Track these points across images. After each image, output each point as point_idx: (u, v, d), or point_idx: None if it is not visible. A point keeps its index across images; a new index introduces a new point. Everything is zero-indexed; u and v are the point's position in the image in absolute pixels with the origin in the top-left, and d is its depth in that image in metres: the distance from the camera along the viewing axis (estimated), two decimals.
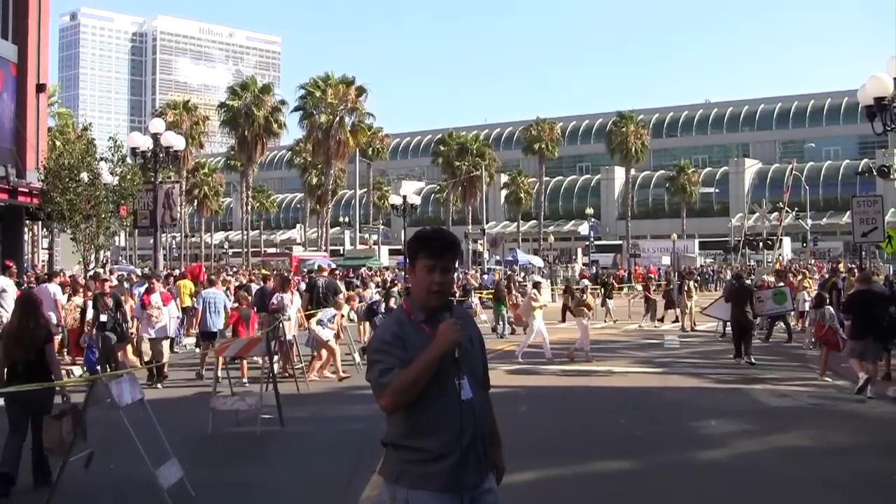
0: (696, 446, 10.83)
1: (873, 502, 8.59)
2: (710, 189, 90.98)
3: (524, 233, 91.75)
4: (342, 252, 65.36)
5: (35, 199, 27.62)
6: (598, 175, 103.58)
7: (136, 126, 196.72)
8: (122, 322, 15.90)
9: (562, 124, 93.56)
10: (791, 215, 66.98)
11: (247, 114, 62.62)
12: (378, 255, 60.40)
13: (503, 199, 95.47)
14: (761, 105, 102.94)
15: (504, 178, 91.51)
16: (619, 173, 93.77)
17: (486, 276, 44.74)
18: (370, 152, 78.94)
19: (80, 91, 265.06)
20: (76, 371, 17.05)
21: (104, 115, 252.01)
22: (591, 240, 74.34)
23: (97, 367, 15.35)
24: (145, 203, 29.77)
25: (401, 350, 3.80)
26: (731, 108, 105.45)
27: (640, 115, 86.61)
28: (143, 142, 26.10)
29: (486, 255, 64.50)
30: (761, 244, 59.63)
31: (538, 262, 63.73)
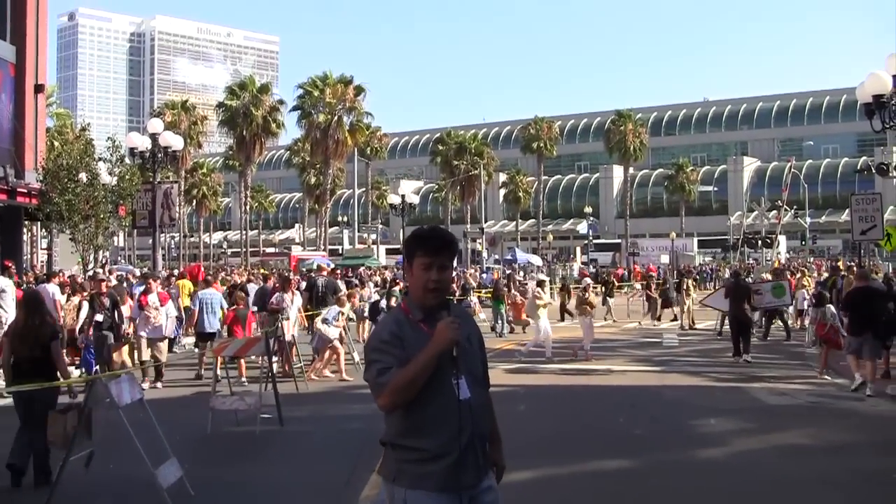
0: (696, 445, 10.83)
1: (872, 500, 8.60)
2: (709, 187, 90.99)
3: (523, 232, 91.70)
4: (341, 252, 65.30)
5: (34, 200, 27.62)
6: (597, 174, 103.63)
7: (135, 126, 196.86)
8: (119, 322, 15.88)
9: (560, 123, 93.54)
10: (790, 213, 66.94)
11: (245, 113, 62.60)
12: (377, 255, 60.38)
13: (502, 198, 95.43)
14: (760, 103, 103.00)
15: (503, 176, 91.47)
16: (618, 172, 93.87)
17: (484, 275, 44.74)
18: (368, 152, 78.92)
19: (79, 91, 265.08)
20: (74, 372, 17.03)
21: (102, 116, 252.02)
22: (590, 238, 74.31)
23: (95, 367, 15.32)
24: (144, 203, 29.81)
25: (399, 349, 3.80)
26: (729, 106, 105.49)
27: (639, 114, 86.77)
28: (142, 142, 26.13)
29: (485, 254, 64.52)
30: (760, 242, 59.58)
31: (537, 260, 63.74)
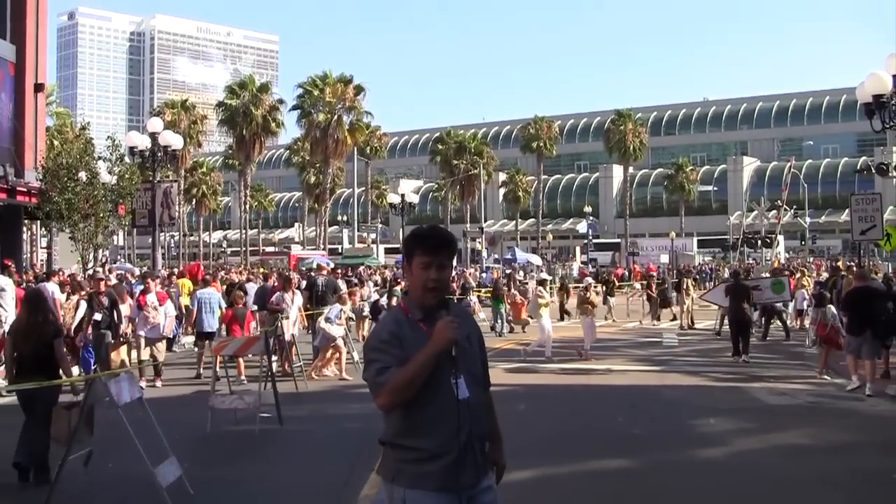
0: (695, 444, 10.83)
1: (871, 500, 8.59)
2: (709, 187, 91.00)
3: (522, 231, 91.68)
4: (340, 251, 65.29)
5: (33, 199, 27.63)
6: (597, 173, 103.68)
7: (135, 125, 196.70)
8: (118, 322, 15.86)
9: (560, 122, 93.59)
10: (789, 213, 66.95)
11: (245, 113, 62.58)
12: (376, 254, 60.37)
13: (501, 198, 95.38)
14: (759, 103, 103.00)
15: (502, 176, 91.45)
16: (618, 171, 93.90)
17: (484, 275, 44.72)
18: (368, 151, 78.91)
19: (79, 90, 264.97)
20: (73, 370, 17.01)
21: (102, 115, 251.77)
22: (590, 238, 74.29)
23: (93, 366, 15.32)
24: (143, 202, 29.85)
25: (398, 349, 3.79)
26: (729, 105, 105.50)
27: (639, 114, 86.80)
28: (142, 141, 26.14)
29: (485, 254, 64.49)
30: (760, 242, 59.58)
31: (536, 260, 63.70)
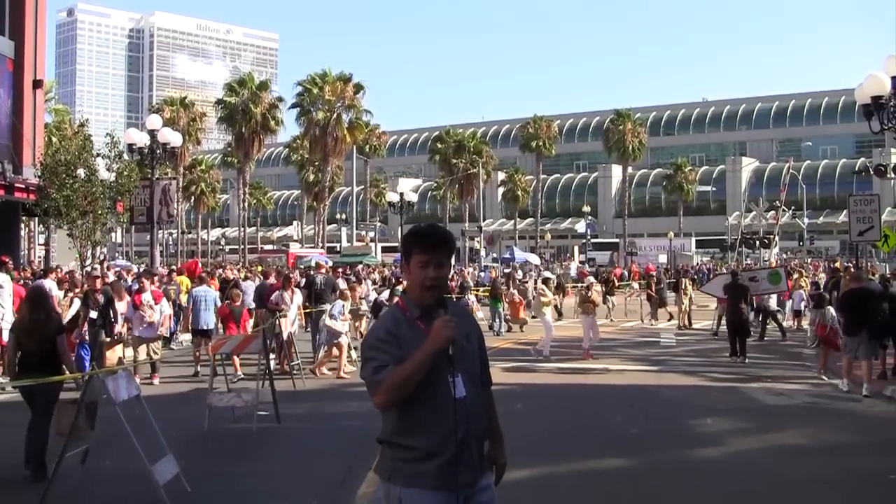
0: (693, 444, 10.84)
1: (868, 501, 8.60)
2: (707, 187, 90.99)
3: (521, 230, 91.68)
4: (339, 249, 65.27)
5: (31, 195, 27.59)
6: (596, 173, 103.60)
7: (133, 122, 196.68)
8: (113, 320, 15.83)
9: (559, 122, 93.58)
10: (788, 214, 66.97)
11: (244, 110, 62.60)
12: (376, 253, 60.36)
13: (500, 197, 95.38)
14: (758, 104, 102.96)
15: (501, 175, 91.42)
16: (617, 171, 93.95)
17: (482, 274, 44.68)
18: (367, 149, 78.89)
19: (77, 87, 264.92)
20: None
21: (101, 112, 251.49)
22: (588, 238, 74.29)
23: (88, 364, 15.29)
24: (142, 199, 29.84)
25: (395, 347, 3.79)
26: (728, 106, 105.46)
27: (638, 114, 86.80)
28: (140, 138, 26.14)
29: (483, 253, 64.47)
30: (758, 243, 59.60)
31: (535, 259, 63.68)
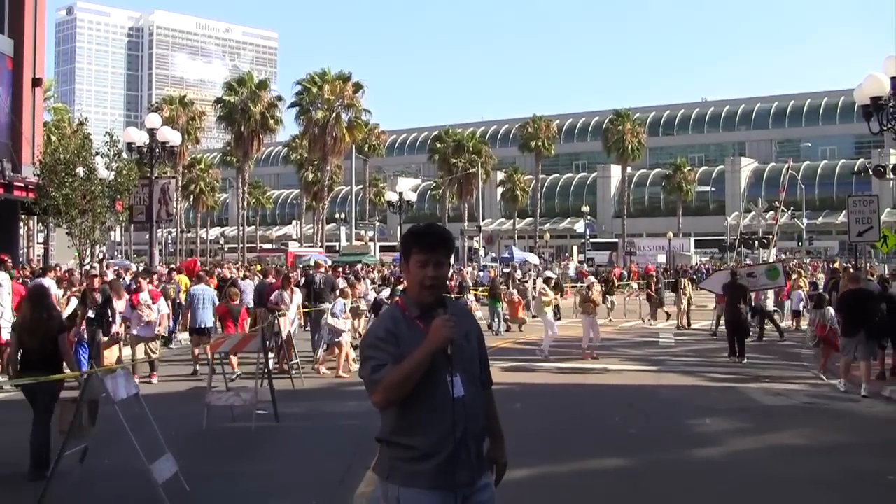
0: (691, 444, 10.84)
1: (866, 501, 8.60)
2: (707, 188, 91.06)
3: (520, 230, 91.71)
4: (338, 248, 65.27)
5: (31, 194, 27.61)
6: (595, 173, 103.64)
7: (133, 121, 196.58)
8: (111, 320, 15.81)
9: (558, 122, 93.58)
10: (787, 214, 66.97)
11: (243, 109, 62.58)
12: (374, 252, 60.37)
13: (499, 197, 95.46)
14: (758, 104, 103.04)
15: (500, 175, 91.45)
16: (616, 171, 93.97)
17: (481, 274, 44.66)
18: (366, 149, 78.83)
19: (77, 86, 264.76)
20: None
21: (100, 110, 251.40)
22: (587, 238, 74.28)
23: (85, 363, 15.27)
24: (141, 198, 29.86)
25: (393, 346, 3.79)
26: (727, 106, 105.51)
27: (637, 114, 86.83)
28: (140, 137, 26.11)
29: (482, 253, 64.45)
30: (757, 243, 59.61)
31: (534, 259, 63.67)
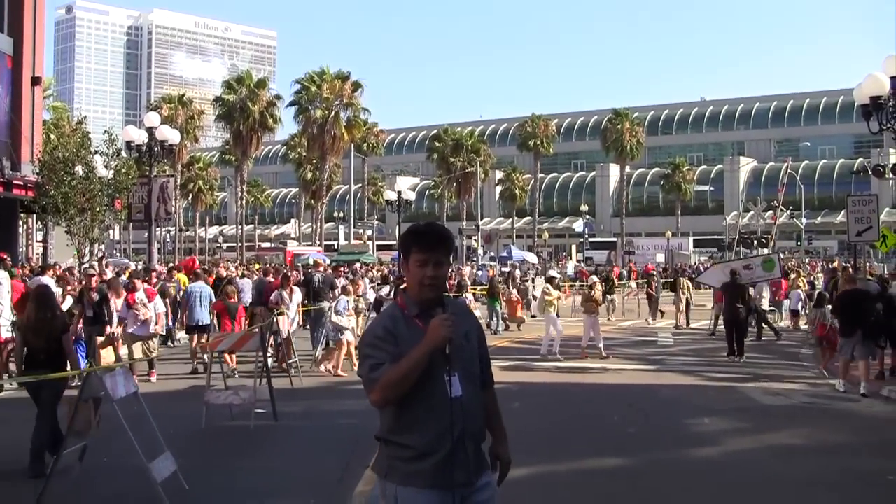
0: (689, 444, 10.84)
1: (865, 501, 8.60)
2: (705, 187, 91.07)
3: (518, 229, 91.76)
4: (336, 247, 65.29)
5: (30, 192, 27.59)
6: (593, 172, 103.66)
7: (132, 120, 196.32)
8: (107, 320, 15.78)
9: (557, 121, 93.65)
10: (786, 214, 67.02)
11: (242, 108, 62.60)
12: (373, 251, 60.38)
13: (498, 196, 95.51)
14: (757, 103, 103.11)
15: (499, 174, 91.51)
16: (614, 170, 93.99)
17: (479, 273, 44.62)
18: (365, 148, 78.84)
19: (76, 84, 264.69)
20: None
21: (99, 109, 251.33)
22: (586, 237, 74.29)
23: (83, 362, 15.25)
24: (140, 197, 29.83)
25: (392, 345, 3.78)
26: (726, 106, 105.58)
27: (636, 113, 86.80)
28: (139, 135, 26.09)
29: (481, 252, 64.45)
30: (756, 242, 59.64)
31: (532, 258, 63.69)
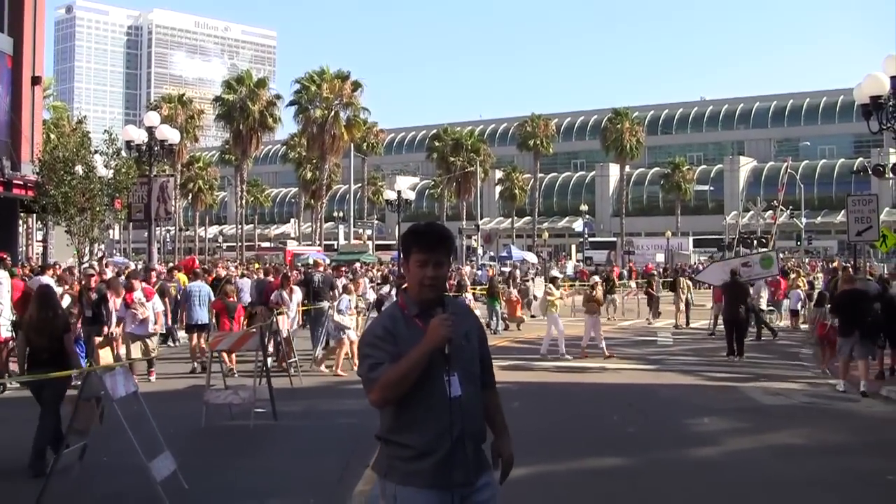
0: (689, 444, 10.84)
1: (864, 501, 8.60)
2: (705, 187, 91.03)
3: (518, 229, 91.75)
4: (336, 247, 65.29)
5: (30, 192, 27.58)
6: (593, 172, 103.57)
7: (131, 119, 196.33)
8: (105, 321, 15.78)
9: (557, 120, 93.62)
10: (785, 214, 67.04)
11: (242, 108, 62.59)
12: (373, 251, 60.38)
13: (497, 195, 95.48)
14: (757, 103, 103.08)
15: (499, 173, 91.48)
16: (614, 170, 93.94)
17: (479, 272, 44.61)
18: (365, 147, 78.85)
19: (76, 84, 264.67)
20: None
21: (99, 108, 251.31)
22: (586, 236, 74.28)
23: (83, 362, 15.26)
24: (140, 196, 29.81)
25: (391, 345, 3.79)
26: (726, 105, 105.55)
27: (636, 112, 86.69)
28: (138, 135, 26.08)
29: (480, 251, 64.45)
30: (755, 242, 59.68)
31: (532, 258, 63.69)
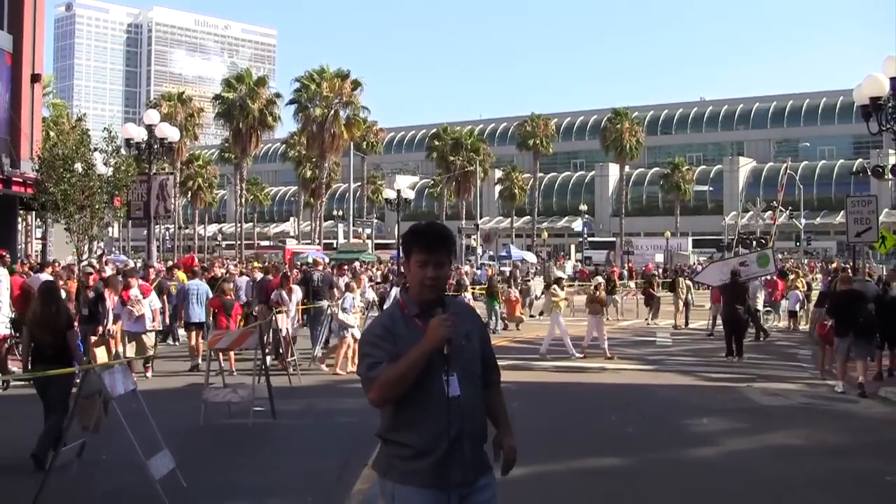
0: (688, 444, 10.84)
1: (862, 502, 8.61)
2: (705, 187, 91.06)
3: (518, 228, 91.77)
4: (335, 246, 65.29)
5: (29, 189, 27.56)
6: (593, 171, 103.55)
7: (131, 117, 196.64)
8: (101, 320, 15.76)
9: (556, 120, 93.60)
10: (785, 214, 67.03)
11: (241, 106, 62.62)
12: (372, 250, 60.36)
13: (497, 195, 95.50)
14: (756, 103, 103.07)
15: (498, 173, 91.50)
16: (614, 170, 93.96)
17: (478, 272, 44.61)
18: (364, 146, 78.87)
19: (75, 82, 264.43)
20: None
21: (99, 106, 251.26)
22: (585, 236, 74.30)
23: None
24: (139, 194, 29.79)
25: (390, 344, 3.79)
26: (726, 106, 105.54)
27: (635, 112, 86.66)
28: (138, 133, 26.07)
29: (480, 251, 64.47)
30: (755, 243, 59.69)
31: (531, 257, 63.71)
